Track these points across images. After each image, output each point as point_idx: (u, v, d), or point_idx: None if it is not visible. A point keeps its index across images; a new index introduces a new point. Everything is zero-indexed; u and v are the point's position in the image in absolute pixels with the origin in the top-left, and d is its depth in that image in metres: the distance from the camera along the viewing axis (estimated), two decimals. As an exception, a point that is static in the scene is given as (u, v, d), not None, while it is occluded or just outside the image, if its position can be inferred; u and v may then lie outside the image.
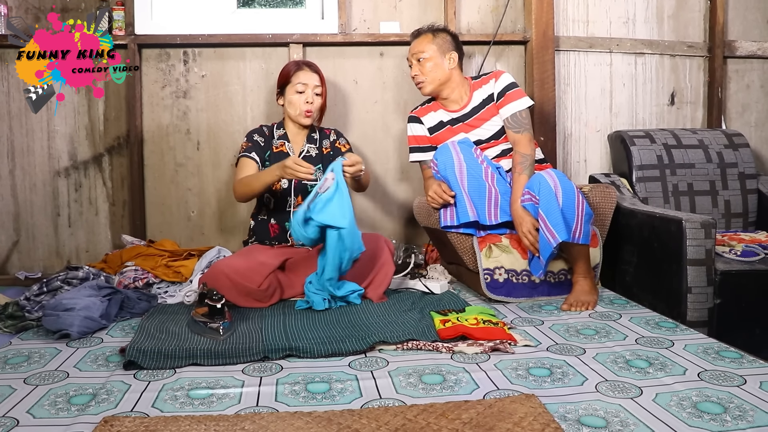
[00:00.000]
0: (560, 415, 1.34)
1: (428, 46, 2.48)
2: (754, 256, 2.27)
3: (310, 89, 2.48)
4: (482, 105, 2.51)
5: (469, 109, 2.52)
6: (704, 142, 2.88)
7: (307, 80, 2.49)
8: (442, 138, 2.56)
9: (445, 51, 2.49)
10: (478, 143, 2.51)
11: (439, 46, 2.48)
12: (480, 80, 2.55)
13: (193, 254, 2.71)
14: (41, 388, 1.55)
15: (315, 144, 2.57)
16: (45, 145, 2.91)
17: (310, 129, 2.59)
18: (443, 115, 2.57)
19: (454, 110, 2.55)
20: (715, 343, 1.82)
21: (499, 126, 2.50)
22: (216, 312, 1.93)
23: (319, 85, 2.51)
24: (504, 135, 2.50)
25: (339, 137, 2.64)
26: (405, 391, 1.51)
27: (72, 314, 1.96)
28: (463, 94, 2.54)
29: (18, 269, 2.92)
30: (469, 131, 2.52)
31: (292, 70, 2.52)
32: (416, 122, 2.62)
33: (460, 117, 2.53)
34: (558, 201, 2.16)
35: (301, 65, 2.53)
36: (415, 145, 2.62)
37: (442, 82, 2.49)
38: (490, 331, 1.86)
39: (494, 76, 2.52)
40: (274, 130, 2.59)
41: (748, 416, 1.32)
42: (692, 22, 3.26)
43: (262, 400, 1.47)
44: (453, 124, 2.55)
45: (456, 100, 2.54)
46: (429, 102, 2.63)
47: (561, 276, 2.39)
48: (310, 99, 2.48)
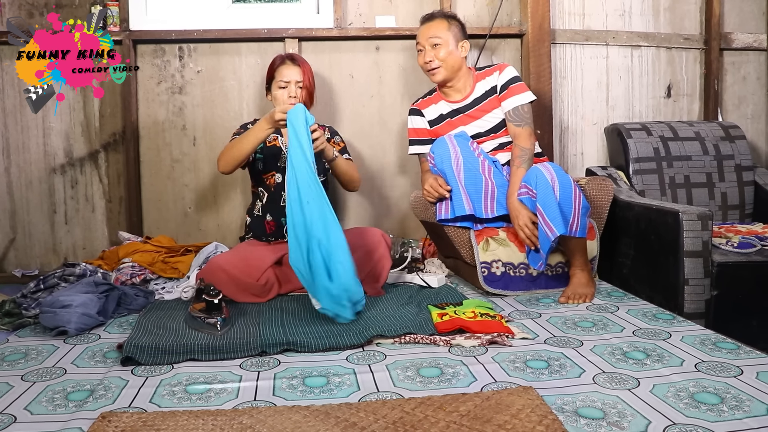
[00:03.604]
0: (558, 407, 1.34)
1: (444, 32, 2.46)
2: (750, 248, 2.27)
3: (293, 85, 2.47)
4: (484, 96, 2.50)
5: (470, 100, 2.52)
6: (701, 135, 2.88)
7: (289, 76, 2.47)
8: (441, 131, 2.56)
9: (459, 39, 2.48)
10: (477, 136, 2.51)
11: (454, 34, 2.46)
12: (484, 72, 2.54)
13: (190, 250, 2.71)
14: (39, 384, 1.55)
15: None
16: (41, 142, 2.90)
17: None
18: (444, 107, 2.57)
19: (456, 101, 2.54)
20: (712, 334, 1.82)
21: (499, 119, 2.49)
22: (213, 307, 1.93)
23: (301, 80, 2.49)
24: (503, 128, 2.49)
25: (334, 135, 2.63)
26: (402, 384, 1.51)
27: (69, 311, 1.95)
28: (467, 84, 2.53)
29: (15, 267, 2.91)
30: (469, 123, 2.52)
31: (275, 65, 2.52)
32: (417, 115, 2.62)
33: (461, 108, 2.53)
34: (555, 194, 2.16)
35: (285, 59, 2.52)
36: (414, 137, 2.63)
37: (455, 70, 2.48)
38: (488, 324, 1.86)
39: (498, 68, 2.51)
40: None
41: (744, 406, 1.32)
42: (688, 15, 3.26)
43: (259, 394, 1.47)
44: (453, 116, 2.54)
45: (459, 90, 2.53)
46: (430, 94, 2.63)
47: (558, 269, 2.39)
48: (292, 93, 2.47)
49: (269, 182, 2.50)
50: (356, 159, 3.03)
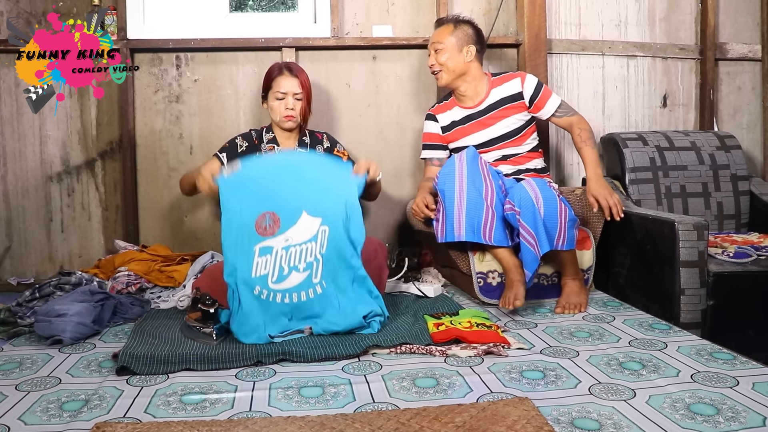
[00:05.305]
0: (553, 418, 1.34)
1: (446, 37, 2.48)
2: (746, 258, 2.27)
3: (290, 96, 2.45)
4: (500, 103, 2.52)
5: (484, 106, 2.54)
6: (696, 144, 2.89)
7: (287, 88, 2.45)
8: (453, 137, 2.59)
9: (464, 43, 2.49)
10: (486, 144, 2.53)
11: (457, 38, 2.48)
12: (500, 78, 2.56)
13: (186, 259, 2.70)
14: (33, 394, 1.55)
15: (306, 149, 2.56)
16: (37, 150, 2.90)
17: (300, 132, 2.58)
18: (457, 113, 2.59)
19: (469, 106, 2.56)
20: (708, 344, 1.82)
21: (512, 127, 2.51)
22: (209, 317, 1.93)
23: (300, 91, 2.46)
24: (513, 138, 2.52)
25: (334, 144, 2.62)
26: (398, 394, 1.50)
27: (64, 320, 1.95)
28: (480, 89, 2.54)
29: (10, 275, 2.90)
30: (481, 130, 2.53)
31: (272, 75, 2.49)
32: (431, 120, 2.66)
33: (474, 114, 2.54)
34: (539, 212, 2.15)
35: (283, 69, 2.49)
36: (426, 142, 2.67)
37: (458, 75, 2.50)
38: (484, 335, 1.86)
39: (519, 76, 2.54)
40: (263, 134, 2.56)
41: (740, 417, 1.32)
42: (683, 25, 3.28)
43: (255, 404, 1.46)
44: (465, 123, 2.56)
45: (472, 96, 2.55)
46: (446, 99, 2.65)
47: (554, 278, 2.39)
48: (290, 105, 2.45)
49: None
50: (353, 168, 3.04)
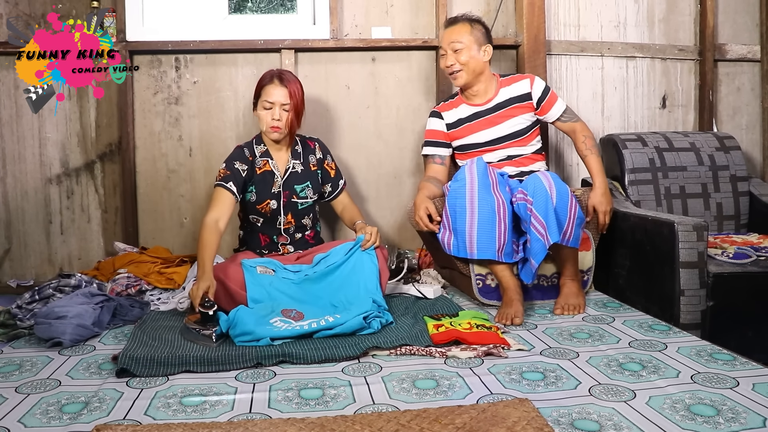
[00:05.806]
0: (554, 419, 1.34)
1: (466, 36, 2.48)
2: (746, 258, 2.27)
3: (277, 107, 2.36)
4: (508, 102, 2.54)
5: (492, 105, 2.55)
6: (696, 145, 2.89)
7: (275, 97, 2.36)
8: (459, 135, 2.59)
9: (482, 43, 2.50)
10: (493, 142, 2.54)
11: (476, 38, 2.49)
12: (509, 78, 2.59)
13: (186, 261, 2.71)
14: (33, 396, 1.55)
15: (299, 159, 2.51)
16: (36, 152, 2.90)
17: (292, 142, 2.51)
18: (464, 111, 2.59)
19: (478, 104, 2.57)
20: (708, 345, 1.83)
21: (519, 127, 2.53)
22: (209, 319, 1.93)
23: (288, 102, 2.37)
24: (519, 138, 2.53)
25: (326, 155, 2.57)
26: (398, 396, 1.50)
27: (64, 322, 1.95)
28: (490, 88, 2.56)
29: (10, 277, 2.90)
30: (489, 127, 2.54)
31: (263, 83, 2.42)
32: (436, 117, 2.66)
33: (483, 111, 2.55)
34: (552, 201, 2.16)
35: (273, 78, 2.40)
36: (428, 138, 2.66)
37: (477, 74, 2.51)
38: (484, 336, 1.86)
39: (529, 77, 2.57)
40: (254, 148, 2.48)
41: (740, 418, 1.32)
42: (682, 26, 3.28)
43: (255, 406, 1.46)
44: (472, 120, 2.56)
45: (481, 95, 2.56)
46: (452, 97, 2.66)
47: (554, 279, 2.39)
48: (276, 116, 2.36)
49: (264, 210, 2.45)
50: (352, 169, 3.04)
